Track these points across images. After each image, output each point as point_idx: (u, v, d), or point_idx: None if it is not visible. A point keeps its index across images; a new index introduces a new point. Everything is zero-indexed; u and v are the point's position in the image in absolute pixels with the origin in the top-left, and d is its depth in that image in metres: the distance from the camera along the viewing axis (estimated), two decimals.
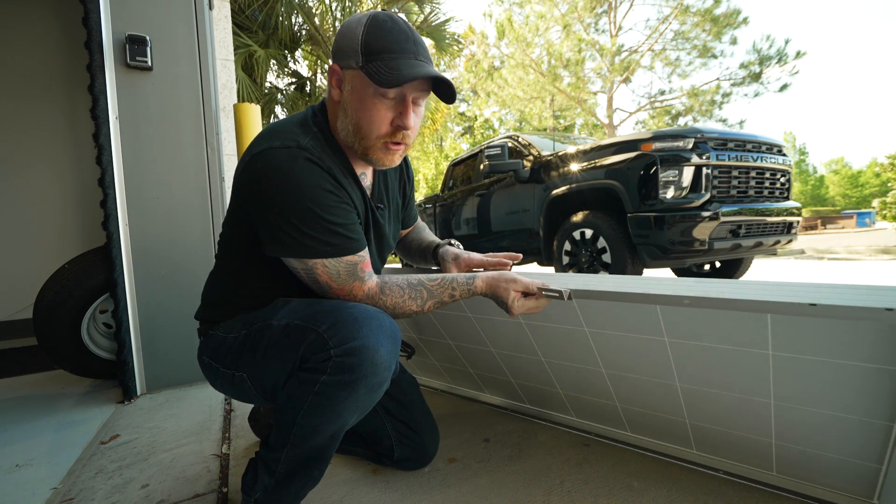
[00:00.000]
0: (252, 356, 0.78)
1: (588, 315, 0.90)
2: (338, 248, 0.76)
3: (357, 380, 0.70)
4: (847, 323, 0.63)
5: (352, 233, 0.78)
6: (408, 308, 0.81)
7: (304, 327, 0.73)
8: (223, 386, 0.87)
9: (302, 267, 0.77)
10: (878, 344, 0.63)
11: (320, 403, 0.72)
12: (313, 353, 0.71)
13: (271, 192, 0.72)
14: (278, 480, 0.78)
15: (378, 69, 0.71)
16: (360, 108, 0.76)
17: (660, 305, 0.77)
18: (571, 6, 12.98)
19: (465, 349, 1.26)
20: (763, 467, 0.89)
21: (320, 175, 0.74)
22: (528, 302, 0.82)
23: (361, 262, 0.79)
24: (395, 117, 0.77)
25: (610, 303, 0.84)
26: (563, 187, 3.03)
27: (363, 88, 0.74)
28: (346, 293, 0.78)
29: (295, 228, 0.73)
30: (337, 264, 0.76)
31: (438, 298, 0.82)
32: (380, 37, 0.72)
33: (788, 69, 11.85)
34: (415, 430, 0.99)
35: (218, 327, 0.87)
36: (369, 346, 0.70)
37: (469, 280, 0.83)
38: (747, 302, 0.64)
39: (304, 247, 0.74)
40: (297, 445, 0.75)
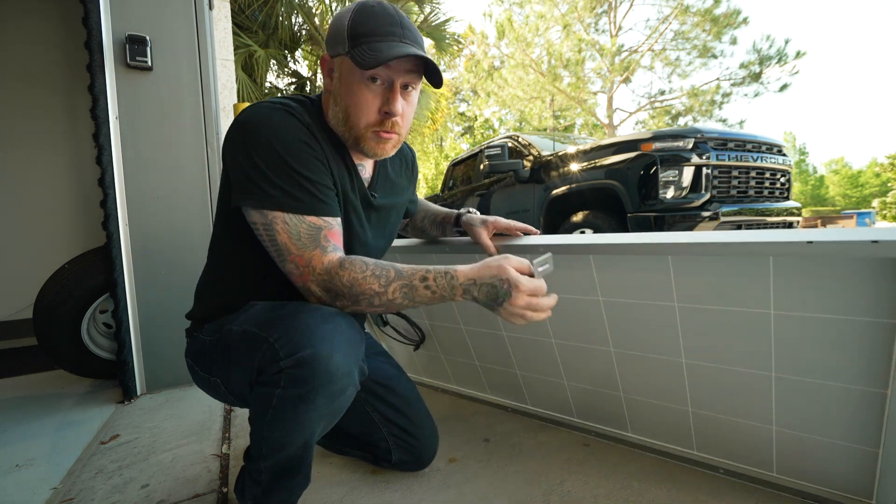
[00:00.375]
0: (220, 361, 0.77)
1: (603, 280, 0.93)
2: (302, 205, 0.70)
3: (312, 391, 0.66)
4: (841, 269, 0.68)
5: (322, 193, 0.73)
6: (367, 286, 0.69)
7: (258, 336, 0.69)
8: (206, 388, 0.85)
9: (262, 222, 0.71)
10: (868, 292, 0.67)
11: (281, 417, 0.69)
12: (266, 364, 0.67)
13: (245, 135, 0.71)
14: (265, 489, 0.78)
15: (362, 52, 0.70)
16: (347, 94, 0.74)
17: (671, 256, 0.82)
18: (571, 6, 12.98)
19: (476, 335, 1.27)
20: (763, 464, 0.89)
21: (297, 126, 0.73)
22: (536, 282, 0.69)
23: (327, 230, 0.72)
24: (382, 104, 0.75)
25: (626, 266, 0.89)
26: (563, 187, 3.03)
27: (350, 75, 0.73)
28: (304, 262, 0.70)
29: (260, 173, 0.69)
30: (299, 223, 0.70)
31: (407, 282, 0.70)
32: (365, 21, 0.71)
33: (788, 69, 11.86)
34: (412, 434, 0.97)
35: (203, 329, 0.84)
36: (321, 354, 0.65)
37: (449, 268, 0.71)
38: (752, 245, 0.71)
39: (265, 196, 0.69)
40: (270, 458, 0.74)
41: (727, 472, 0.93)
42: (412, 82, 0.76)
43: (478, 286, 0.69)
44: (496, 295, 0.68)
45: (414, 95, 0.79)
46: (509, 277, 0.67)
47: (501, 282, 0.68)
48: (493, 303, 0.69)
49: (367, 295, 0.70)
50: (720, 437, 0.93)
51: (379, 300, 0.70)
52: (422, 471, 1.01)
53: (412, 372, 1.62)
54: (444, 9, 6.53)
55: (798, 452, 0.84)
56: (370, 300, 0.70)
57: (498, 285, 0.68)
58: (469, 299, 0.71)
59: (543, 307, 0.70)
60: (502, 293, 0.68)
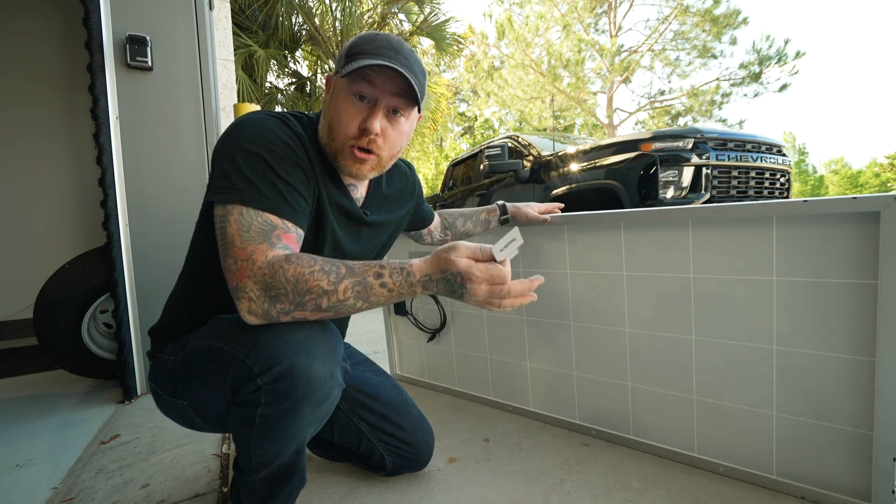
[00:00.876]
0: (187, 381, 0.73)
1: (630, 253, 1.02)
2: (265, 201, 0.66)
3: (297, 402, 0.64)
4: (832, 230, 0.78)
5: (291, 198, 0.69)
6: (315, 283, 0.61)
7: (225, 352, 0.66)
8: (172, 414, 0.80)
9: (221, 214, 0.67)
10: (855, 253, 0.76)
11: (267, 433, 0.68)
12: (241, 383, 0.65)
13: (232, 134, 0.71)
14: (261, 497, 0.77)
15: (347, 66, 0.71)
16: (334, 107, 0.76)
17: (692, 219, 0.92)
18: (571, 6, 12.99)
19: (496, 319, 1.31)
20: (763, 462, 0.89)
21: (288, 133, 0.73)
22: (492, 269, 0.63)
23: (282, 231, 0.67)
24: (362, 120, 0.74)
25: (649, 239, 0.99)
26: (562, 187, 3.03)
27: (340, 90, 0.75)
28: (245, 255, 0.62)
29: (235, 168, 0.67)
30: (253, 217, 0.65)
31: (360, 279, 0.63)
32: (363, 42, 0.74)
33: (788, 69, 11.86)
34: (403, 440, 0.95)
35: (165, 349, 0.81)
36: (299, 363, 0.63)
37: (404, 263, 0.66)
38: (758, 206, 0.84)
39: (232, 188, 0.66)
40: (263, 469, 0.73)
41: (727, 472, 0.93)
42: (400, 107, 0.75)
43: (434, 281, 0.64)
44: (453, 289, 0.64)
45: (402, 122, 0.78)
46: (459, 270, 0.62)
47: (453, 276, 0.63)
48: (453, 296, 0.65)
49: (315, 294, 0.61)
50: (722, 429, 0.94)
51: (327, 301, 0.62)
52: (421, 471, 1.01)
53: (414, 372, 1.62)
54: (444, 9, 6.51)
55: (797, 444, 0.85)
56: (317, 301, 0.61)
57: (451, 279, 0.63)
58: (430, 294, 0.67)
59: (515, 292, 0.64)
60: (457, 286, 0.63)
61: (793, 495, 0.85)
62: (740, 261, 0.88)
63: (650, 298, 1.01)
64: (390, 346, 1.66)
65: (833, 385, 0.80)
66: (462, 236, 1.23)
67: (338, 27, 6.09)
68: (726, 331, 0.91)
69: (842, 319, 0.78)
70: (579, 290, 1.13)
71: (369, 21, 6.61)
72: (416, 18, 6.76)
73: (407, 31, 6.86)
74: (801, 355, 0.83)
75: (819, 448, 0.83)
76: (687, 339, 0.96)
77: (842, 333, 0.79)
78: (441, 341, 1.49)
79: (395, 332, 1.65)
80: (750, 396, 0.89)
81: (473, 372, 1.41)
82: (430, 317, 1.50)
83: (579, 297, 1.13)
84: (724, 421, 0.93)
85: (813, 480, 0.84)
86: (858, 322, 0.77)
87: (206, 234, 0.77)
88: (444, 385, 1.51)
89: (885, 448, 0.74)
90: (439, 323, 1.48)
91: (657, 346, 1.01)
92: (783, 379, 0.85)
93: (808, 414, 0.83)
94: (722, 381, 0.92)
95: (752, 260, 0.86)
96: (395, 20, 6.88)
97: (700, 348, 0.94)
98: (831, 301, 0.79)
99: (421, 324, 1.53)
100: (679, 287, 0.96)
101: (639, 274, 1.02)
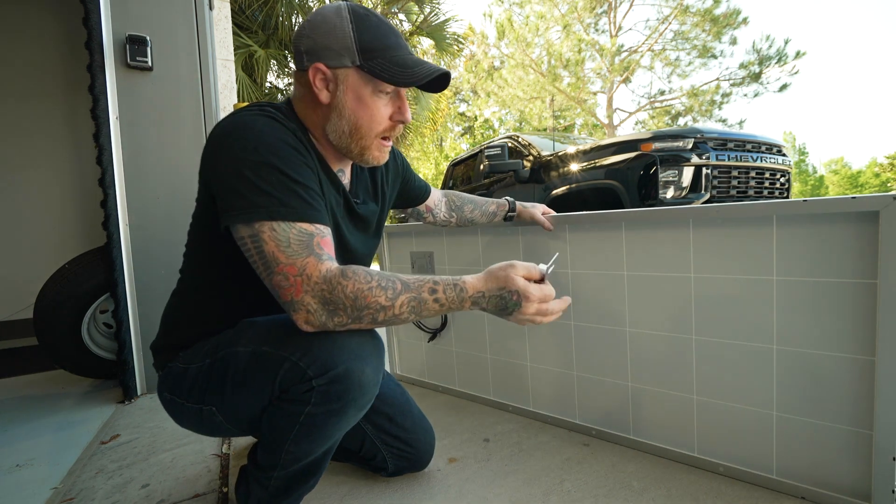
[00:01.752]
0: (220, 387, 0.72)
1: (631, 253, 1.02)
2: (292, 211, 0.64)
3: (346, 405, 0.67)
4: (831, 229, 0.78)
5: (312, 198, 0.68)
6: (374, 299, 0.62)
7: (275, 355, 0.67)
8: (190, 423, 0.80)
9: (249, 234, 0.64)
10: (855, 252, 0.76)
11: (308, 431, 0.69)
12: (292, 384, 0.66)
13: (228, 145, 0.66)
14: (273, 494, 0.77)
15: (383, 67, 0.70)
16: (358, 107, 0.73)
17: (693, 218, 0.92)
18: (571, 6, 12.99)
19: (497, 320, 1.31)
20: (763, 462, 0.89)
21: (283, 131, 0.69)
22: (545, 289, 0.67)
23: (319, 237, 0.66)
24: (393, 112, 0.75)
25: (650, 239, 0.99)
26: (562, 187, 3.04)
27: (361, 87, 0.72)
28: (297, 271, 0.62)
29: (247, 183, 0.64)
30: (288, 230, 0.63)
31: (416, 294, 0.64)
32: (371, 31, 0.71)
33: (788, 69, 11.87)
34: (407, 442, 0.95)
35: (177, 358, 0.79)
36: (354, 368, 0.66)
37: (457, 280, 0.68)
38: (758, 206, 0.85)
39: (254, 206, 0.63)
40: (289, 467, 0.74)
41: (727, 472, 0.93)
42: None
43: (486, 298, 0.66)
44: (505, 306, 0.66)
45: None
46: (518, 288, 0.65)
47: (510, 293, 0.65)
48: (502, 313, 0.67)
49: (373, 309, 0.63)
50: (722, 429, 0.94)
51: (384, 315, 0.64)
52: (421, 471, 1.01)
53: (414, 373, 1.62)
54: (444, 9, 6.51)
55: (797, 444, 0.85)
56: (374, 315, 0.63)
57: (507, 297, 0.65)
58: (478, 309, 0.69)
59: (554, 311, 0.68)
60: (511, 304, 0.66)
61: (793, 495, 0.85)
62: (740, 260, 0.88)
63: (650, 298, 1.01)
64: (390, 346, 1.66)
65: (833, 385, 0.80)
66: (467, 223, 1.23)
67: None
68: (726, 330, 0.91)
69: (841, 319, 0.78)
70: (580, 289, 1.13)
71: None
72: (416, 18, 6.75)
73: (407, 31, 6.86)
74: (801, 355, 0.83)
75: (819, 448, 0.83)
76: (687, 338, 0.96)
77: (841, 333, 0.79)
78: (441, 341, 1.50)
79: (395, 332, 1.65)
80: (750, 396, 0.89)
81: (474, 372, 1.41)
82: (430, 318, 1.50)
83: (580, 297, 1.13)
84: (724, 421, 0.93)
85: (813, 480, 0.84)
86: (858, 321, 0.77)
87: (208, 254, 0.77)
88: (445, 385, 1.51)
89: (885, 448, 0.74)
90: (440, 323, 1.48)
91: (657, 345, 1.01)
92: (783, 379, 0.85)
93: (808, 414, 0.83)
94: (722, 380, 0.92)
95: (752, 260, 0.86)
96: (394, 20, 6.88)
97: (700, 348, 0.94)
98: (831, 300, 0.79)
99: (421, 324, 1.53)
100: (679, 287, 0.96)
101: (639, 273, 1.02)
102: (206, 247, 0.78)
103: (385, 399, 0.96)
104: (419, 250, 1.52)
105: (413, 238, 1.53)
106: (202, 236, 0.78)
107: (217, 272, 0.77)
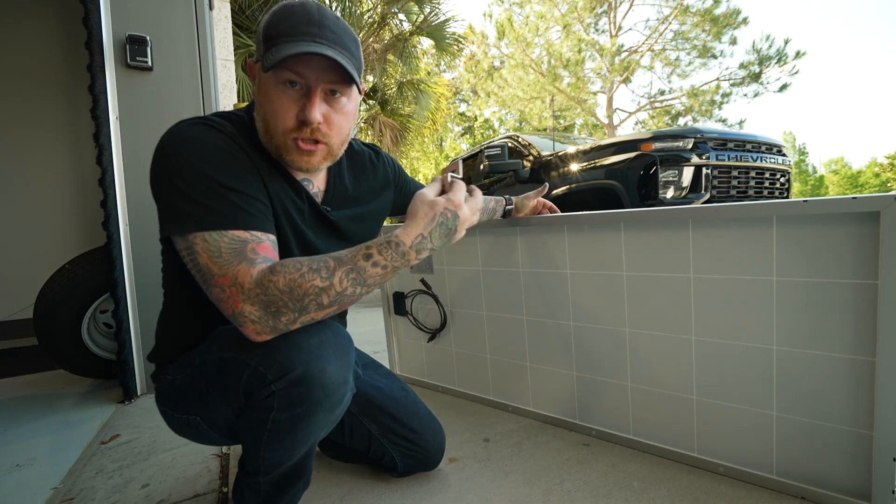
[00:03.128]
0: (198, 397, 0.72)
1: (631, 254, 1.02)
2: (222, 218, 0.62)
3: (311, 408, 0.65)
4: (831, 230, 0.78)
5: (248, 205, 0.65)
6: (309, 284, 0.60)
7: (238, 360, 0.65)
8: (183, 432, 0.81)
9: (185, 247, 0.62)
10: (855, 253, 0.76)
11: (278, 437, 0.68)
12: (254, 389, 0.64)
13: (164, 159, 0.65)
14: (265, 499, 0.77)
15: (269, 56, 0.64)
16: (265, 100, 0.69)
17: (692, 218, 0.92)
18: (571, 6, 12.99)
19: (496, 320, 1.32)
20: (763, 462, 0.89)
21: (219, 137, 0.67)
22: (457, 185, 0.72)
23: (255, 243, 0.64)
24: (299, 110, 0.68)
25: (649, 239, 0.99)
26: (563, 187, 3.03)
27: (266, 80, 0.68)
28: (230, 281, 0.60)
29: (178, 193, 0.62)
30: (220, 239, 0.61)
31: (352, 265, 0.62)
32: (279, 21, 0.66)
33: (788, 69, 11.87)
34: (415, 442, 0.95)
35: (167, 371, 0.80)
36: (313, 369, 0.63)
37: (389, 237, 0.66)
38: (758, 206, 0.84)
39: (185, 217, 0.61)
40: (271, 472, 0.74)
41: (727, 472, 0.93)
42: (339, 88, 0.70)
43: (428, 237, 0.67)
44: (448, 228, 0.68)
45: (344, 103, 0.72)
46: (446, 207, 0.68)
47: (444, 216, 0.68)
48: (448, 236, 0.69)
49: (312, 294, 0.60)
50: (722, 429, 0.94)
51: (327, 297, 0.61)
52: (422, 471, 1.01)
53: (415, 373, 1.62)
54: (444, 9, 6.50)
55: (797, 444, 0.85)
56: (318, 300, 0.61)
57: (445, 220, 0.68)
58: (425, 256, 0.68)
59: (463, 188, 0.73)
60: (451, 221, 0.68)
61: (793, 495, 0.85)
62: (740, 261, 0.88)
63: (650, 298, 1.01)
64: (390, 346, 1.66)
65: (833, 385, 0.80)
66: None
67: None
68: (726, 331, 0.91)
69: (842, 319, 0.78)
70: (579, 290, 1.13)
71: (369, 21, 6.61)
72: (416, 18, 6.75)
73: (407, 31, 6.86)
74: (801, 355, 0.83)
75: (819, 448, 0.83)
76: (687, 338, 0.96)
77: (842, 333, 0.79)
78: (441, 341, 1.49)
79: (395, 332, 1.65)
80: (750, 396, 0.89)
81: (473, 372, 1.41)
82: (430, 317, 1.50)
83: (579, 297, 1.13)
84: (724, 421, 0.93)
85: (813, 480, 0.84)
86: (858, 322, 0.77)
87: (174, 268, 0.76)
88: (445, 385, 1.51)
89: (885, 448, 0.74)
90: (439, 323, 1.48)
91: (657, 345, 1.01)
92: (783, 379, 0.85)
93: (808, 414, 0.83)
94: (722, 380, 0.92)
95: (752, 260, 0.86)
96: (395, 20, 6.88)
97: (700, 348, 0.94)
98: (831, 301, 0.79)
99: (421, 324, 1.53)
100: (679, 287, 0.96)
101: (639, 274, 1.02)
102: (171, 262, 0.78)
103: (390, 400, 0.96)
104: None
105: None
106: (166, 252, 0.78)
107: (181, 285, 0.77)
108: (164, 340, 0.83)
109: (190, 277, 0.69)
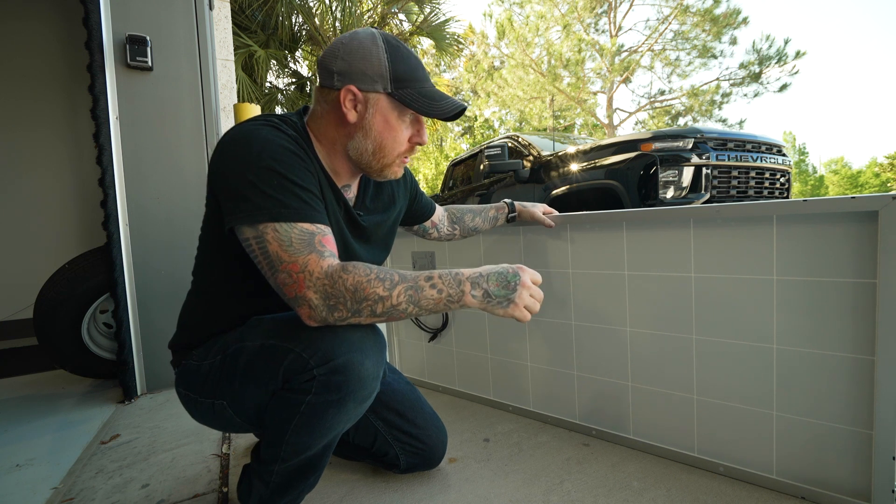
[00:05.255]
0: (230, 381, 0.76)
1: (631, 253, 1.02)
2: (293, 211, 0.68)
3: (345, 396, 0.70)
4: (831, 229, 0.78)
5: (311, 200, 0.71)
6: (372, 290, 0.66)
7: (281, 347, 0.70)
8: (204, 417, 0.83)
9: (254, 235, 0.68)
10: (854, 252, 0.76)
11: (308, 422, 0.71)
12: (294, 373, 0.69)
13: (232, 152, 0.71)
14: (273, 490, 0.78)
15: (413, 97, 0.76)
16: (385, 129, 0.78)
17: (693, 218, 0.92)
18: (571, 6, 12.98)
19: (497, 320, 1.32)
20: (763, 462, 0.89)
21: (284, 138, 0.73)
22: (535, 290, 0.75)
23: (321, 235, 0.69)
24: (412, 135, 0.82)
25: (651, 239, 0.99)
26: (563, 187, 3.03)
27: (389, 112, 0.77)
28: (299, 268, 0.66)
29: (251, 186, 0.68)
30: (290, 230, 0.67)
31: (412, 283, 0.69)
32: (403, 63, 0.76)
33: (788, 69, 11.85)
34: (418, 438, 0.96)
35: (192, 356, 0.83)
36: (354, 360, 0.69)
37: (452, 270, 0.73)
38: (758, 206, 0.85)
39: (257, 209, 0.67)
40: (289, 460, 0.75)
41: (727, 472, 0.93)
42: None
43: (485, 277, 0.72)
44: (507, 280, 0.72)
45: None
46: (514, 265, 0.74)
47: (507, 268, 0.73)
48: (504, 290, 0.72)
49: (371, 300, 0.66)
50: (722, 429, 0.94)
51: (382, 306, 0.67)
52: (423, 471, 1.01)
53: (415, 372, 1.62)
54: (444, 9, 6.50)
55: (797, 444, 0.85)
56: (373, 307, 0.67)
57: (505, 272, 0.73)
58: (479, 295, 0.71)
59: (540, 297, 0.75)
60: (511, 276, 0.72)
61: (793, 495, 0.85)
62: (740, 260, 0.88)
63: (651, 298, 1.01)
64: (391, 346, 1.66)
65: (833, 384, 0.80)
66: (470, 232, 1.23)
67: (338, 27, 6.09)
68: (726, 330, 0.91)
69: (841, 318, 0.78)
70: (580, 289, 1.13)
71: (369, 21, 6.61)
72: (416, 18, 6.75)
73: (407, 31, 6.86)
74: (801, 354, 0.83)
75: (819, 448, 0.83)
76: (687, 338, 0.96)
77: (841, 332, 0.79)
78: (442, 341, 1.50)
79: (396, 332, 1.65)
80: (750, 396, 0.89)
81: (474, 372, 1.41)
82: (431, 317, 1.50)
83: (580, 297, 1.13)
84: (724, 421, 0.93)
85: (813, 480, 0.84)
86: (858, 321, 0.77)
87: (222, 258, 0.80)
88: (445, 385, 1.51)
89: (885, 448, 0.74)
90: (440, 323, 1.48)
91: (657, 345, 1.01)
92: (783, 378, 0.85)
93: (808, 413, 0.83)
94: (722, 380, 0.92)
95: (752, 259, 0.86)
96: (394, 20, 6.88)
97: (700, 348, 0.94)
98: (831, 300, 0.79)
99: (422, 324, 1.53)
100: (679, 286, 0.96)
101: (640, 273, 1.02)
102: (214, 249, 0.81)
103: (395, 396, 0.98)
104: (421, 250, 1.52)
105: (415, 238, 1.53)
106: (211, 239, 0.81)
107: (226, 273, 0.81)
108: (191, 326, 0.85)
109: (239, 266, 0.75)
